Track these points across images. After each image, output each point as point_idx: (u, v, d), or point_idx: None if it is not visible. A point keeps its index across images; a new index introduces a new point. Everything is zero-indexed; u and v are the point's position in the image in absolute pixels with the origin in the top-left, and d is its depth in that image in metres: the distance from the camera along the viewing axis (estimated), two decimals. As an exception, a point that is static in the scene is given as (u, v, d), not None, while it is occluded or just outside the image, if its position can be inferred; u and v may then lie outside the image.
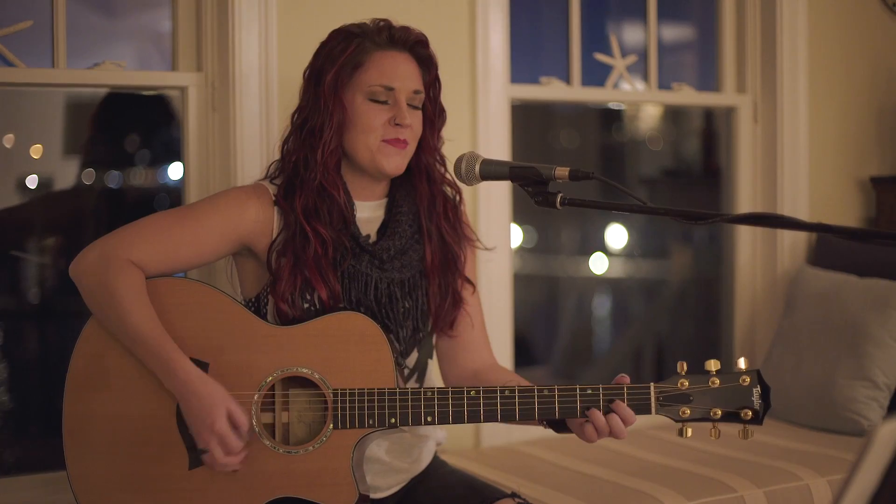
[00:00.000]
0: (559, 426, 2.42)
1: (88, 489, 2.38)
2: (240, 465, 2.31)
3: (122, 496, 2.37)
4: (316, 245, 2.44)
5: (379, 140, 2.48)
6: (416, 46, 2.55)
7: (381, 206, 2.60)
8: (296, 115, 2.57)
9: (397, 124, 2.48)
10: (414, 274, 2.56)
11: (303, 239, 2.45)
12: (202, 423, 2.26)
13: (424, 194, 2.60)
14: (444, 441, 2.80)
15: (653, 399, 2.32)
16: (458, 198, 2.67)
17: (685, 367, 2.33)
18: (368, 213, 2.57)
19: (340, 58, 2.49)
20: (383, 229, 2.57)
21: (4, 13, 3.07)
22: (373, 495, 2.55)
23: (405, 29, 2.54)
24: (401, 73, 2.50)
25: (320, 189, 2.48)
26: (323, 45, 2.57)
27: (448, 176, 2.64)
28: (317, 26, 3.23)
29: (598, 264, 5.01)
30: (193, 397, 2.27)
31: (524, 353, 4.50)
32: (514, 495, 2.57)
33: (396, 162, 2.51)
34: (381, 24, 2.54)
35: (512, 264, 3.75)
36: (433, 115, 2.61)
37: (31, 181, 3.49)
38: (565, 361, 5.08)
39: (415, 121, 2.52)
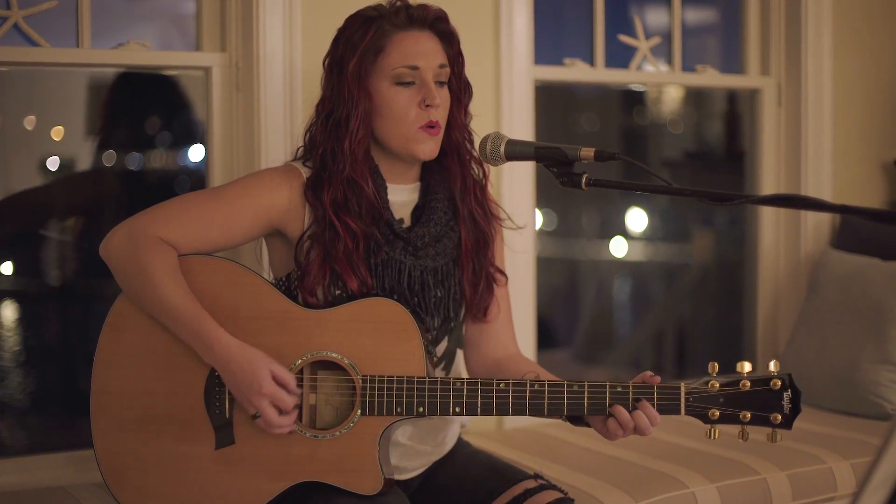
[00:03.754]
0: (577, 419, 2.40)
1: (114, 465, 2.39)
2: (292, 426, 2.31)
3: (147, 474, 2.38)
4: (346, 239, 2.42)
5: (415, 129, 2.45)
6: (436, 23, 2.51)
7: (416, 190, 2.57)
8: (320, 106, 2.53)
9: (428, 105, 2.45)
10: (447, 262, 2.54)
11: (332, 233, 2.42)
12: (249, 389, 2.27)
13: (457, 175, 2.57)
14: (468, 424, 2.81)
15: (682, 400, 2.31)
16: (483, 177, 2.65)
17: (716, 368, 2.31)
18: (402, 197, 2.54)
19: (361, 44, 2.45)
20: (417, 213, 2.55)
21: (30, -7, 3.08)
22: (397, 477, 2.55)
23: (423, 7, 2.51)
24: (424, 50, 2.47)
25: (349, 181, 2.44)
26: (341, 31, 2.53)
27: (475, 153, 2.61)
28: (341, 6, 3.23)
29: (618, 248, 5.00)
30: (235, 366, 2.28)
31: (545, 335, 4.49)
32: (536, 476, 2.58)
33: (430, 147, 2.48)
34: (398, 3, 2.50)
35: (535, 247, 3.75)
36: (459, 90, 2.57)
37: (52, 163, 3.50)
38: (586, 345, 5.08)
39: (443, 98, 2.49)
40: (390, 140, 2.48)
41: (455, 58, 2.56)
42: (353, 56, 2.46)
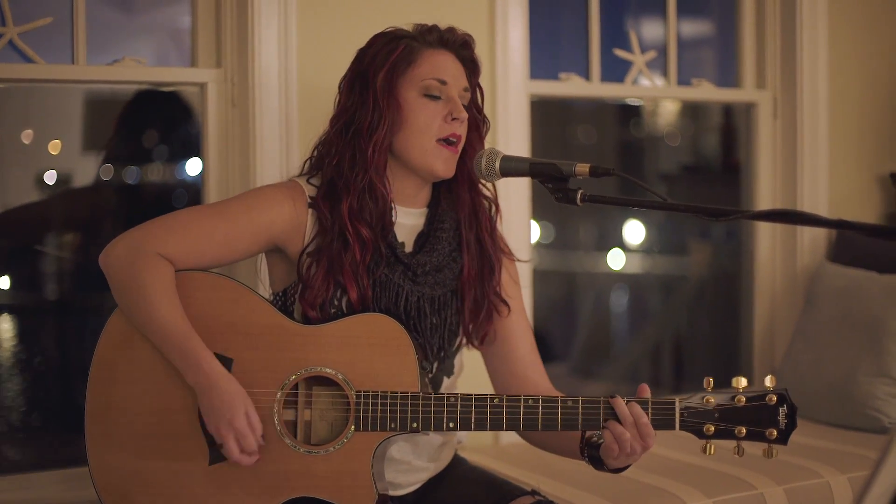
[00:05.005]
0: (598, 462, 2.41)
1: (109, 481, 2.39)
2: (255, 462, 2.31)
3: (142, 490, 2.37)
4: (355, 249, 2.41)
5: (433, 140, 2.46)
6: (461, 48, 2.54)
7: (422, 216, 2.57)
8: (336, 118, 2.53)
9: (454, 119, 2.46)
10: (445, 292, 2.54)
11: (341, 243, 2.42)
12: (221, 417, 2.27)
13: (466, 203, 2.58)
14: (465, 440, 2.80)
15: (677, 415, 2.31)
16: (494, 210, 2.65)
17: (711, 384, 2.32)
18: (408, 220, 2.54)
19: (391, 57, 2.47)
20: (421, 241, 2.55)
21: (24, 10, 3.08)
22: (393, 492, 2.54)
23: (452, 30, 2.54)
24: (451, 70, 2.50)
25: (368, 187, 2.45)
26: (365, 49, 2.54)
27: (486, 190, 2.62)
28: (336, 21, 3.24)
29: (616, 260, 5.00)
30: (215, 392, 2.28)
31: (541, 349, 4.48)
32: (533, 493, 2.57)
33: (449, 164, 2.49)
34: (426, 26, 2.53)
35: (532, 259, 3.74)
36: (477, 120, 2.59)
37: (50, 177, 3.50)
38: (583, 358, 5.08)
39: (465, 119, 2.51)
40: (409, 152, 2.48)
41: (475, 87, 2.58)
42: (381, 67, 2.47)
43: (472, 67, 2.57)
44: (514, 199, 3.58)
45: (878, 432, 3.61)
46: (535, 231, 4.30)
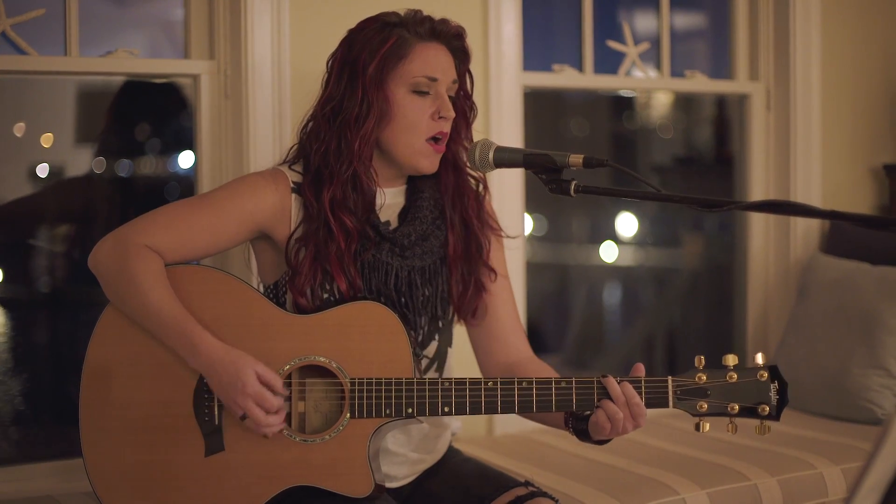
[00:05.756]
0: (583, 434, 2.41)
1: (104, 475, 2.38)
2: (282, 425, 2.30)
3: (137, 483, 2.37)
4: (340, 239, 2.42)
5: (423, 140, 2.46)
6: (453, 39, 2.53)
7: (401, 193, 2.57)
8: (323, 104, 2.51)
9: (441, 117, 2.46)
10: (435, 260, 2.54)
11: (326, 232, 2.42)
12: (234, 390, 2.26)
13: (450, 184, 2.58)
14: (458, 431, 2.80)
15: (670, 392, 2.31)
16: (482, 187, 2.65)
17: (703, 362, 2.32)
18: (389, 200, 2.54)
19: (382, 48, 2.45)
20: (403, 214, 2.55)
21: (17, 1, 3.07)
22: (388, 484, 2.54)
23: (444, 21, 2.52)
24: (442, 64, 2.48)
25: (352, 179, 2.45)
26: (355, 32, 2.52)
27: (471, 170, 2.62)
28: (330, 13, 3.24)
29: (609, 253, 5.01)
30: (220, 368, 2.27)
31: (535, 341, 4.49)
32: (527, 483, 2.58)
33: (434, 162, 2.49)
34: (419, 15, 2.51)
35: (525, 253, 3.75)
36: (466, 108, 2.59)
37: (42, 170, 3.49)
38: (577, 350, 5.08)
39: (453, 117, 2.51)
40: (396, 147, 2.48)
41: (464, 75, 2.58)
42: (372, 59, 2.45)
43: (462, 56, 2.56)
44: (507, 190, 3.57)
45: (872, 423, 3.61)
46: (528, 224, 4.30)
